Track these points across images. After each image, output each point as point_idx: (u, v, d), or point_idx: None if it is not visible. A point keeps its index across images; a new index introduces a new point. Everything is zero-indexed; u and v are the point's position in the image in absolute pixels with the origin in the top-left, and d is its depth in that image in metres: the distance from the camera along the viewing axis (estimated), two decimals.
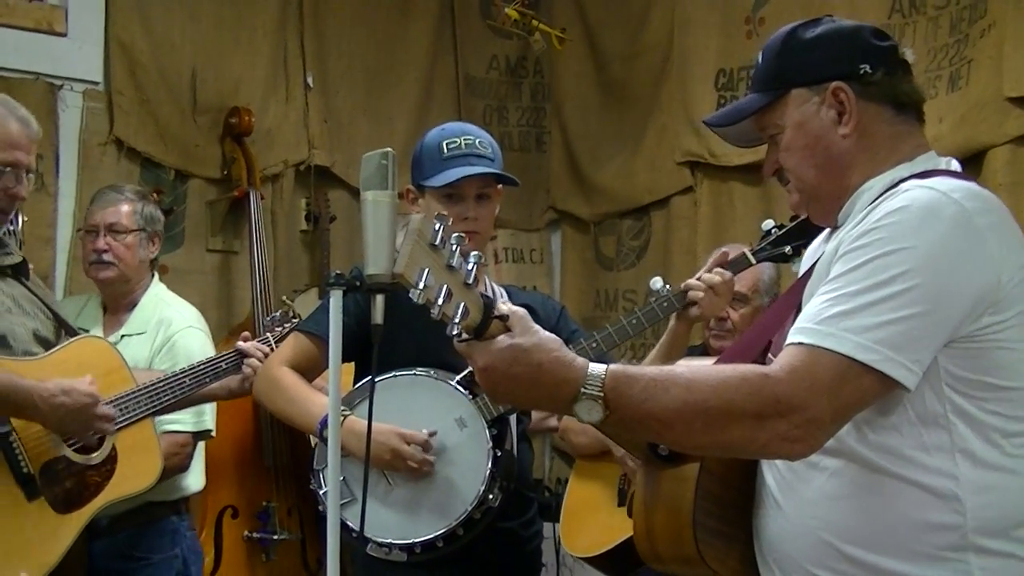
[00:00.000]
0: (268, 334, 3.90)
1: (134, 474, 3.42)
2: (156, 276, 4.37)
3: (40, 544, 3.16)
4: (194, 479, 4.15)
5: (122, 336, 4.07)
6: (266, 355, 3.66)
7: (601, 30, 6.27)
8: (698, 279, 3.43)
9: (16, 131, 3.32)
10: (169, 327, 4.13)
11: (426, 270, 1.82)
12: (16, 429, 3.20)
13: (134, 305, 4.21)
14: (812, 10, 2.34)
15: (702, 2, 5.76)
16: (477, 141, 3.35)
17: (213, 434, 4.16)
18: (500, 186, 3.40)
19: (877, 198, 2.10)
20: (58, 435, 3.25)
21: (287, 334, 3.69)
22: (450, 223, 1.89)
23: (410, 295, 1.83)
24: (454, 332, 1.90)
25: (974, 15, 4.66)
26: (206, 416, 4.07)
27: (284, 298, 4.47)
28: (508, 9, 6.06)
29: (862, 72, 2.18)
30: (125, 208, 4.23)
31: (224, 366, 3.77)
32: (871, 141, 2.19)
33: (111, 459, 3.35)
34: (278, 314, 4.09)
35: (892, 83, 2.20)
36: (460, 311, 1.87)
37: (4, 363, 3.18)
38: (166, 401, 3.57)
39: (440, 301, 1.84)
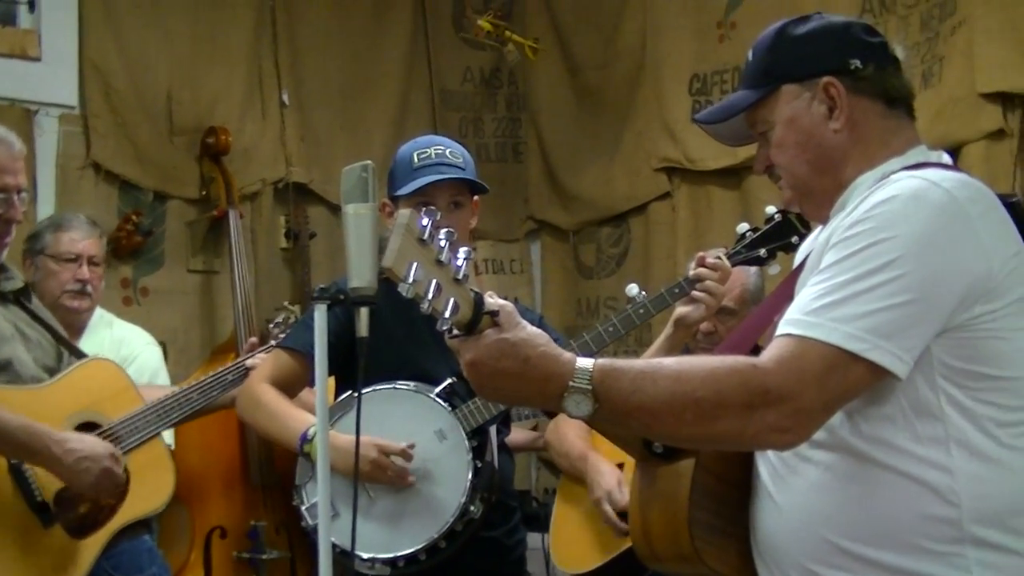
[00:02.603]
0: (272, 341, 3.90)
1: (147, 493, 3.41)
2: None
3: (60, 570, 3.15)
4: None
5: None
6: None
7: (574, 39, 6.28)
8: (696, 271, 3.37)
9: None
10: (130, 346, 4.17)
11: (415, 264, 1.80)
12: None
13: (82, 329, 4.21)
14: (784, 13, 2.35)
15: (674, 7, 5.78)
16: (448, 151, 3.37)
17: (172, 447, 4.13)
18: (476, 198, 3.42)
19: (868, 191, 2.09)
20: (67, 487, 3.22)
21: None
22: (439, 218, 1.87)
23: (399, 289, 1.81)
24: (444, 327, 1.87)
25: (944, 12, 4.69)
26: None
27: (286, 303, 4.46)
28: (481, 21, 6.10)
29: (852, 67, 2.17)
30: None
31: (230, 378, 3.81)
32: (862, 135, 2.18)
33: (124, 480, 3.31)
34: (280, 319, 4.10)
35: (883, 78, 2.19)
36: (450, 306, 1.84)
37: (10, 393, 3.13)
38: (175, 418, 3.59)
39: (430, 296, 1.81)
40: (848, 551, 2.04)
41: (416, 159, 3.33)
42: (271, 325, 4.18)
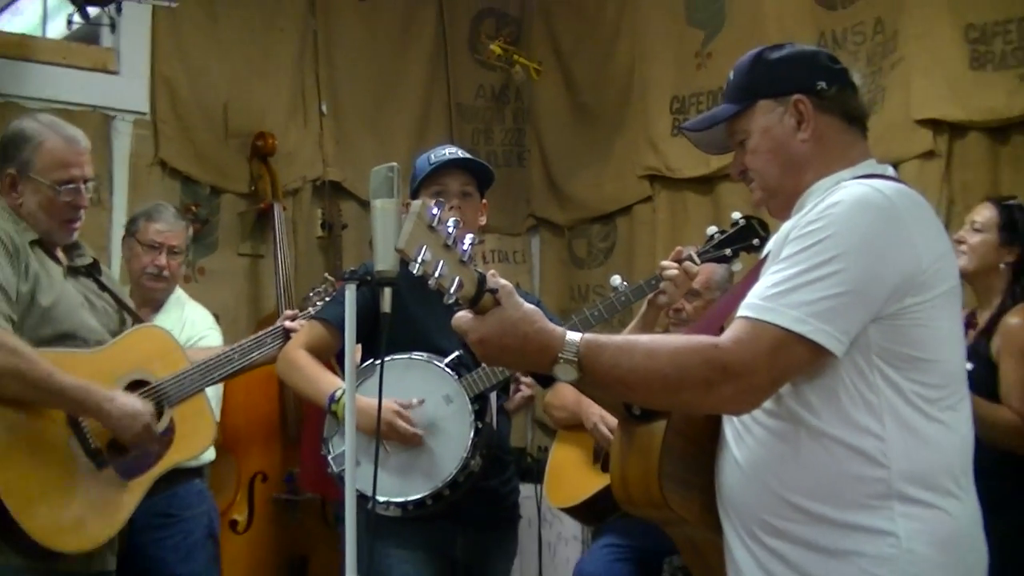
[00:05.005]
0: (311, 309, 3.93)
1: (190, 443, 3.42)
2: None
3: (111, 506, 3.16)
4: (209, 451, 4.04)
5: None
6: None
7: (573, 62, 6.28)
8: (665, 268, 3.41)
9: (65, 150, 3.24)
10: (194, 327, 4.17)
11: (424, 247, 1.84)
12: None
13: (159, 305, 4.23)
14: (753, 47, 2.41)
15: (659, 38, 5.78)
16: (459, 151, 3.46)
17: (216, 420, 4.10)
18: (484, 201, 3.49)
19: (823, 195, 2.13)
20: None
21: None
22: (447, 209, 1.91)
23: (410, 268, 1.85)
24: (450, 301, 1.91)
25: (886, 51, 4.72)
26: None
27: (327, 275, 4.50)
28: (492, 45, 6.17)
29: (819, 88, 2.22)
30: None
31: (269, 342, 3.82)
32: (824, 147, 2.23)
33: (170, 429, 3.33)
34: (322, 288, 4.14)
35: (844, 99, 2.24)
36: (455, 283, 1.88)
37: (72, 356, 3.14)
38: (217, 376, 3.60)
39: (437, 274, 1.86)
40: (795, 504, 2.07)
41: (433, 157, 3.42)
42: (311, 293, 4.22)
